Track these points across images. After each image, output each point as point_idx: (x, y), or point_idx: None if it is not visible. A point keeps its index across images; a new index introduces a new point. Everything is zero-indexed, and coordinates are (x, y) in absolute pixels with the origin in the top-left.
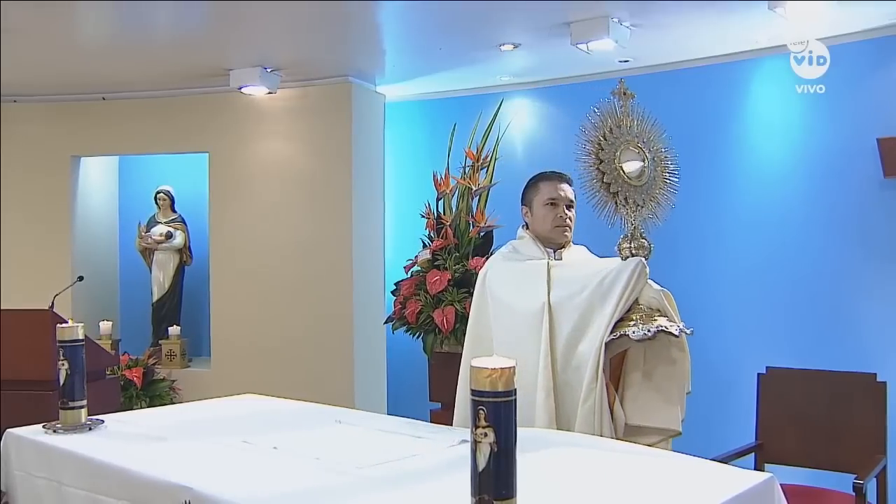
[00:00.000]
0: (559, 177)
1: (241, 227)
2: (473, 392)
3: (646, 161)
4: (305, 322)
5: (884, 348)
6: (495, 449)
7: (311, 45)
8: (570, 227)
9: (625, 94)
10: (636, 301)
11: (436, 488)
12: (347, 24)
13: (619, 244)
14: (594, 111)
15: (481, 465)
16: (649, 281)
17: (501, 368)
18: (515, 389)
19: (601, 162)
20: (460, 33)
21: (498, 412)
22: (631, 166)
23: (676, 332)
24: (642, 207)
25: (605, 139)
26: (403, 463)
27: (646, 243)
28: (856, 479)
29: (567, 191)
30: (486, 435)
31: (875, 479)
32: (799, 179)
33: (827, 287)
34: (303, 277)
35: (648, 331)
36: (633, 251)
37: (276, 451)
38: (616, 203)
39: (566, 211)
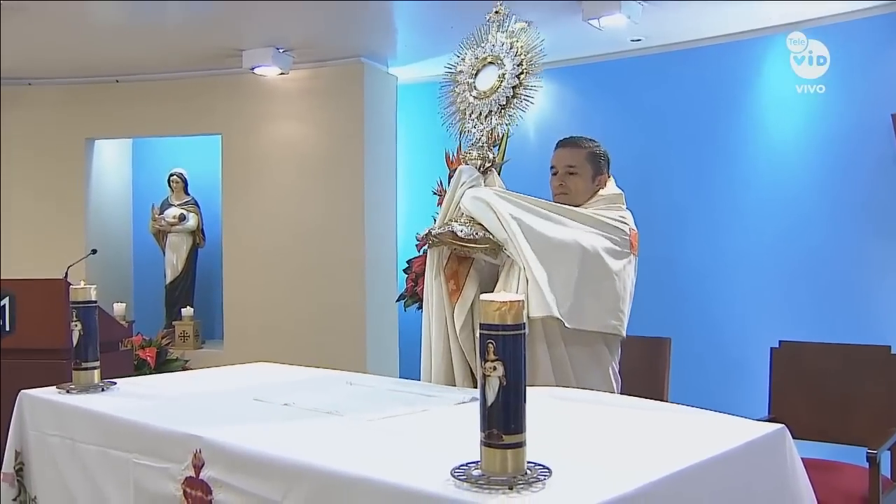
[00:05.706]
0: (561, 143)
1: (254, 208)
2: (482, 326)
3: (502, 74)
4: (318, 302)
5: None
6: (504, 383)
7: (323, 25)
8: (568, 193)
9: (497, 12)
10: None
11: (448, 437)
12: (359, 3)
13: (467, 152)
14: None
15: (490, 399)
16: (474, 189)
17: (511, 301)
18: (525, 323)
19: (457, 84)
20: (472, 11)
21: (507, 346)
22: (484, 83)
23: (459, 233)
24: (487, 117)
25: (465, 61)
26: (415, 416)
27: (479, 154)
28: (869, 450)
29: (564, 157)
30: (495, 369)
31: (889, 451)
32: (813, 155)
33: (840, 261)
34: (315, 257)
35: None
36: (470, 160)
37: (287, 406)
38: (462, 119)
39: (565, 177)
